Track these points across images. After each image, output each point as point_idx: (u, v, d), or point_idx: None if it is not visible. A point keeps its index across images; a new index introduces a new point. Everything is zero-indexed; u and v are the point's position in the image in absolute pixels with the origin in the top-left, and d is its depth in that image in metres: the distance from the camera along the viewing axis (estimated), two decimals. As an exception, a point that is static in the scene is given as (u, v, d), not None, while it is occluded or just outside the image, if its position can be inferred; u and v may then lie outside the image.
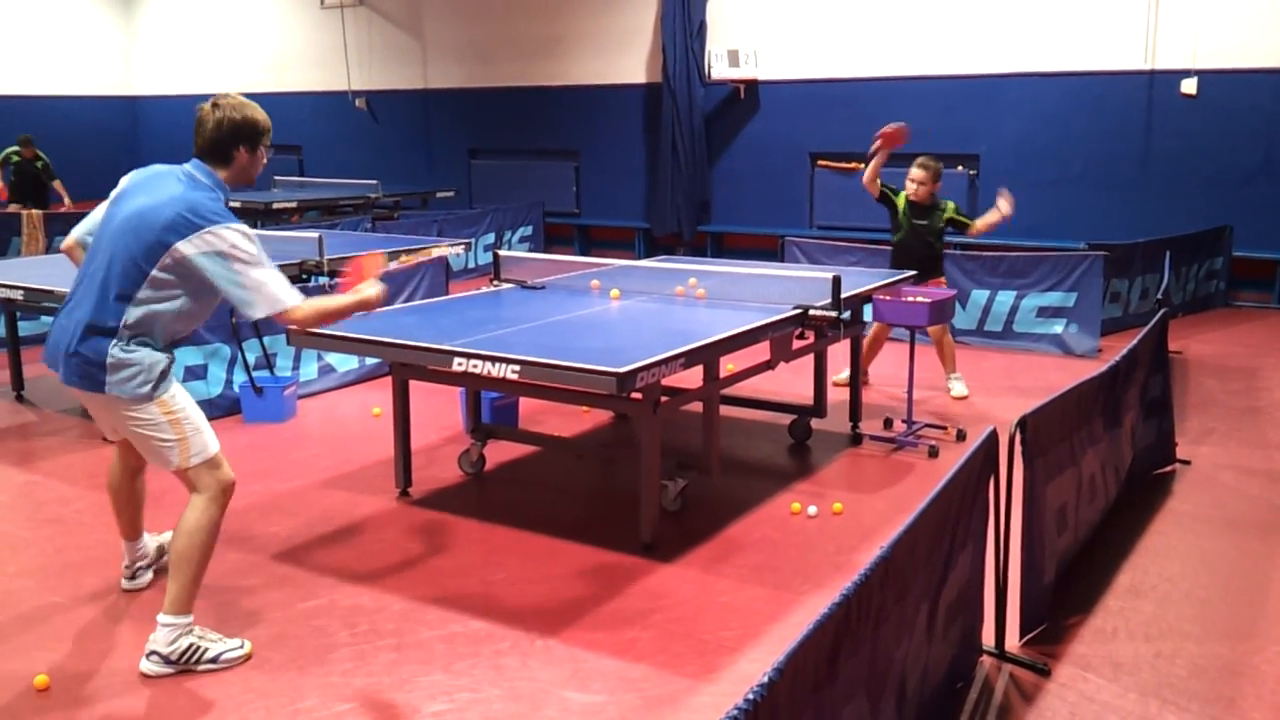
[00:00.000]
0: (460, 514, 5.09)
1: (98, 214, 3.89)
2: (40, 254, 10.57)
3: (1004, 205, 6.86)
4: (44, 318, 8.24)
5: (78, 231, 4.01)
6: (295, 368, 7.15)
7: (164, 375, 3.60)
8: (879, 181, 7.03)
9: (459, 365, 4.36)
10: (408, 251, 5.30)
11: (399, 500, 5.26)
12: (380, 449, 5.92)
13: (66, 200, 13.25)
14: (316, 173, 15.61)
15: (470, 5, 14.54)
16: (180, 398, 3.66)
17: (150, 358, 3.56)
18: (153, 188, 3.62)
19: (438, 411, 6.56)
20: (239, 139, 3.66)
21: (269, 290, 3.53)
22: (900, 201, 7.08)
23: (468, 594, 4.22)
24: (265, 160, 3.80)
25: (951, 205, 7.09)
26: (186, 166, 3.68)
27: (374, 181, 12.96)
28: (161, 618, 3.62)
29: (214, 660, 3.64)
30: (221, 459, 3.72)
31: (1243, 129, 10.05)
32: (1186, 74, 10.20)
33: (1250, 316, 9.85)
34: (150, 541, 4.33)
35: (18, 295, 6.38)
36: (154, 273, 3.50)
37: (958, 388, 7.22)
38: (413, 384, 5.19)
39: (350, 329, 4.91)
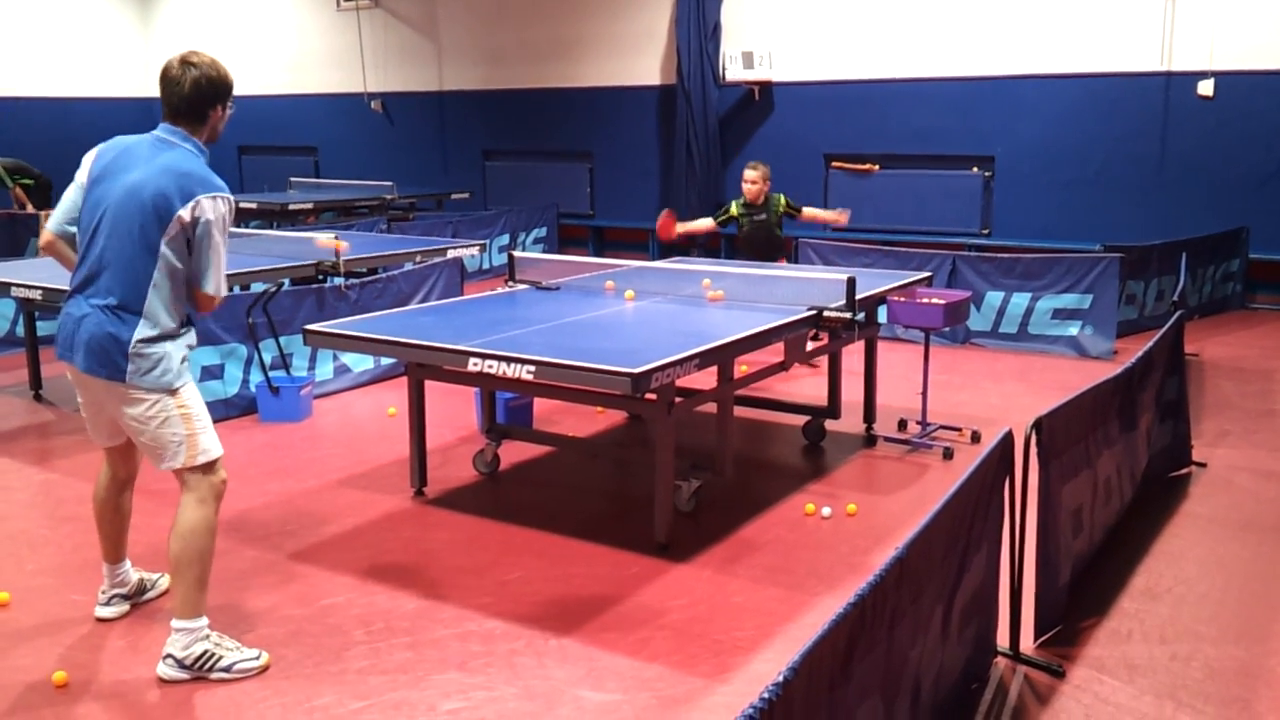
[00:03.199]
0: (475, 514, 5.11)
1: (69, 200, 3.65)
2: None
3: (839, 217, 8.06)
4: (62, 317, 8.30)
5: (53, 224, 3.69)
6: (311, 368, 7.18)
7: (183, 363, 3.57)
8: (709, 223, 8.24)
9: (474, 365, 4.38)
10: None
11: (414, 500, 5.28)
12: (395, 449, 5.94)
13: (29, 208, 12.00)
14: (332, 174, 15.66)
15: (485, 8, 14.57)
16: (194, 392, 3.63)
17: (172, 346, 3.53)
18: (138, 160, 3.52)
19: (453, 412, 6.58)
20: (217, 98, 3.58)
21: (221, 268, 3.56)
22: (735, 208, 8.03)
23: (483, 593, 4.24)
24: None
25: (783, 198, 8.03)
26: (159, 133, 3.58)
27: (389, 183, 13.00)
28: (174, 622, 3.59)
29: (228, 669, 3.59)
30: (219, 460, 3.66)
31: (1259, 131, 10.00)
32: (1203, 75, 10.16)
33: (1267, 319, 9.80)
34: (133, 572, 4.12)
35: (36, 295, 6.42)
36: (163, 248, 3.46)
37: None
38: (428, 384, 5.21)
39: (366, 329, 4.94)
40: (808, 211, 8.08)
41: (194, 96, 3.54)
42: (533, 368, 4.24)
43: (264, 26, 16.87)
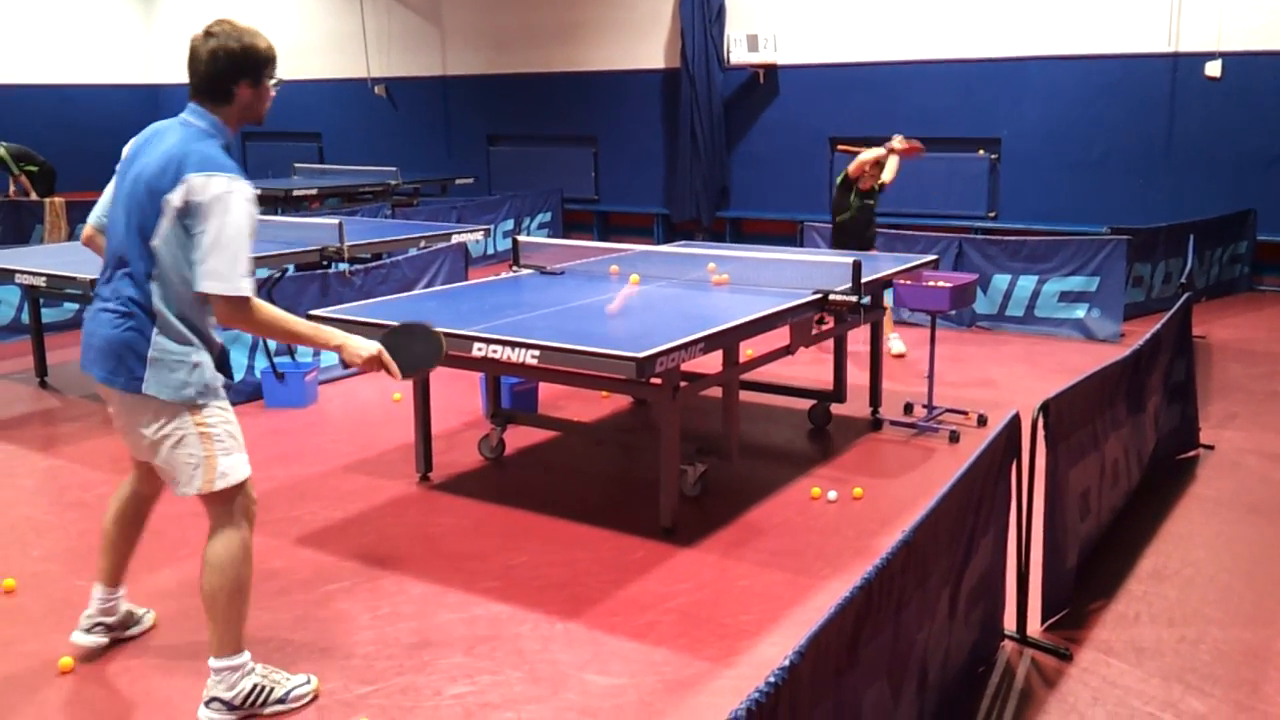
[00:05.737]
0: (480, 498, 5.11)
1: (108, 192, 3.41)
2: (63, 241, 10.63)
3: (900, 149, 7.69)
4: (67, 304, 8.31)
5: (93, 217, 3.51)
6: (316, 353, 7.17)
7: (213, 377, 3.17)
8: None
9: (479, 350, 4.37)
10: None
11: (419, 485, 5.28)
12: (401, 434, 5.94)
13: (33, 195, 12.07)
14: (336, 159, 15.63)
15: (489, -9, 14.52)
16: (221, 411, 3.19)
17: (199, 355, 3.13)
18: (151, 146, 3.18)
19: (458, 397, 6.57)
20: (239, 73, 3.15)
21: (226, 263, 2.97)
22: (854, 196, 7.65)
23: (488, 577, 4.24)
24: (273, 94, 3.29)
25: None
26: (184, 114, 3.21)
27: (393, 168, 12.97)
28: (212, 663, 3.24)
29: (283, 700, 3.29)
30: (248, 483, 3.28)
31: (1267, 112, 9.94)
32: (1211, 56, 10.09)
33: (1274, 301, 9.76)
34: (123, 604, 3.71)
35: (40, 282, 6.42)
36: (155, 241, 3.04)
37: (896, 345, 7.77)
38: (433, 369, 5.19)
39: (371, 314, 4.93)
40: (888, 170, 7.65)
41: (212, 72, 3.15)
42: (537, 352, 4.23)
43: (267, 11, 16.79)
